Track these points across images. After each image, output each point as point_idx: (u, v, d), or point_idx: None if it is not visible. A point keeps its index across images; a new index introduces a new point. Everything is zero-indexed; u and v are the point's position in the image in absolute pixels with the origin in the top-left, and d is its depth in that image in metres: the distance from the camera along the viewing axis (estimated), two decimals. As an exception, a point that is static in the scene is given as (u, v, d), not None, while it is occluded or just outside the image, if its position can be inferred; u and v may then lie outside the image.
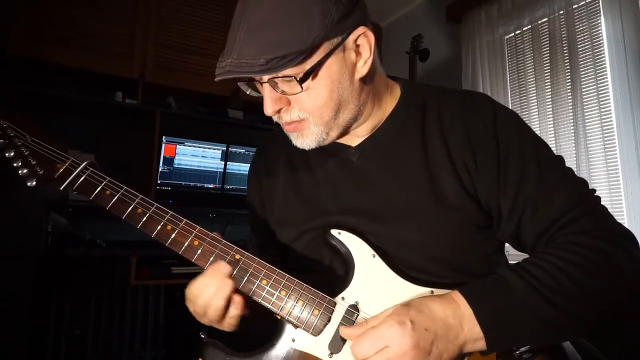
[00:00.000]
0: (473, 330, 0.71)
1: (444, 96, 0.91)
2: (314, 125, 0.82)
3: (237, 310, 0.80)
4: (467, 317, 0.71)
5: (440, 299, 0.74)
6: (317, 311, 0.80)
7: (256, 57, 0.72)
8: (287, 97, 0.80)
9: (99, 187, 0.85)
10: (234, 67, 0.73)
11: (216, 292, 0.78)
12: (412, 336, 0.68)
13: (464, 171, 0.84)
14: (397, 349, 0.68)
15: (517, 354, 0.73)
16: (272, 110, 0.81)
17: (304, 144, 0.85)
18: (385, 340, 0.69)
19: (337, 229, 0.84)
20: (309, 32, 0.73)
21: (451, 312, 0.72)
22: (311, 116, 0.81)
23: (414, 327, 0.69)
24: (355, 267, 0.82)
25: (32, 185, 0.85)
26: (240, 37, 0.73)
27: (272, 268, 0.82)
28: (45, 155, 0.87)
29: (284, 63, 0.72)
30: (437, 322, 0.71)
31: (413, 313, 0.71)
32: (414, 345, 0.68)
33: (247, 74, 0.74)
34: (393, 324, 0.70)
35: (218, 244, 0.84)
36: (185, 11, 2.83)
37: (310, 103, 0.79)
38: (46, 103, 2.53)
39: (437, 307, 0.72)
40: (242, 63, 0.73)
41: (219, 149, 2.91)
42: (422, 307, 0.72)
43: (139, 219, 0.84)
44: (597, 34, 2.35)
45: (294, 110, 0.81)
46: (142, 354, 2.48)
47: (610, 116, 2.28)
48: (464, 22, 3.00)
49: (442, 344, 0.70)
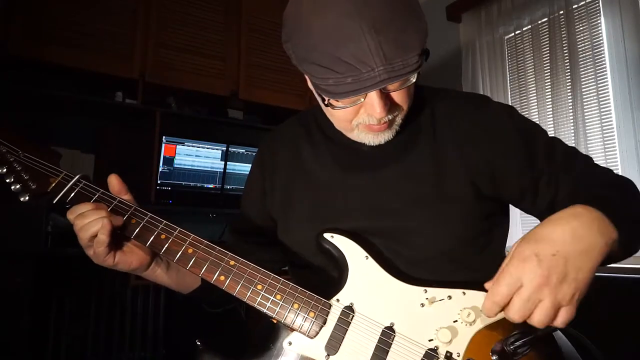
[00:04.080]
0: (608, 229, 0.69)
1: (451, 95, 0.95)
2: (399, 118, 0.84)
3: (104, 235, 0.80)
4: (596, 218, 0.69)
5: (554, 219, 0.71)
6: (312, 314, 0.80)
7: (407, 56, 0.71)
8: (390, 94, 0.78)
9: (92, 200, 0.86)
10: (389, 73, 0.71)
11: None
12: (540, 267, 0.65)
13: (476, 164, 0.87)
14: (531, 285, 0.65)
15: (512, 349, 0.72)
16: (386, 110, 0.78)
17: (382, 139, 0.86)
18: (516, 280, 0.66)
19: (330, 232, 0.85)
20: (422, 22, 0.75)
21: (577, 222, 0.69)
22: (403, 111, 0.83)
23: (539, 257, 0.66)
24: (349, 269, 0.83)
25: (25, 200, 0.85)
26: (375, 42, 0.69)
27: (267, 273, 0.83)
28: (38, 169, 0.87)
29: (423, 56, 0.73)
30: (564, 242, 0.67)
31: (533, 245, 0.68)
32: (546, 275, 0.65)
33: (404, 75, 0.73)
34: (517, 262, 0.67)
35: (212, 250, 0.84)
36: (185, 11, 2.83)
37: (410, 95, 0.82)
38: (46, 103, 2.53)
39: (557, 230, 0.68)
40: (397, 66, 0.71)
41: (219, 149, 2.91)
42: (541, 235, 0.69)
43: (132, 229, 0.85)
44: (597, 34, 2.34)
45: (398, 107, 0.81)
46: (142, 354, 2.48)
47: (610, 116, 2.28)
48: (464, 22, 3.00)
49: (577, 261, 0.66)
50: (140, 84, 2.64)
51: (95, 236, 0.81)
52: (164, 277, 0.95)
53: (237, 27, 3.00)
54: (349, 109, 0.79)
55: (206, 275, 0.83)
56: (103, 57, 2.53)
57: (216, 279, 0.82)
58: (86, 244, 0.82)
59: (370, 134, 0.85)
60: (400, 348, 0.77)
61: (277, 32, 3.09)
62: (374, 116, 0.78)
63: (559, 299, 0.65)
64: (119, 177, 0.89)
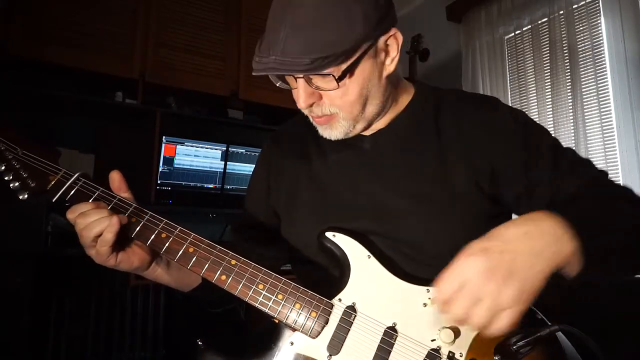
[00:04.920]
0: (563, 239, 0.67)
1: (458, 95, 0.96)
2: (343, 119, 0.86)
3: (110, 234, 0.79)
4: (552, 227, 0.68)
5: (513, 221, 0.70)
6: (314, 313, 0.80)
7: (301, 56, 0.73)
8: (319, 92, 0.82)
9: (91, 198, 0.85)
10: (278, 65, 0.75)
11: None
12: (485, 262, 0.64)
13: (480, 163, 0.87)
14: (475, 281, 0.64)
15: (515, 349, 0.72)
16: (306, 104, 0.83)
17: (331, 135, 0.89)
18: (461, 275, 0.65)
19: (332, 231, 0.85)
20: (352, 34, 0.75)
21: (531, 226, 0.68)
22: (341, 111, 0.85)
23: (487, 253, 0.65)
24: (351, 269, 0.83)
25: (24, 198, 0.84)
26: (286, 34, 0.74)
27: (268, 272, 0.83)
28: (37, 167, 0.86)
29: (327, 63, 0.74)
30: (514, 241, 0.66)
31: (485, 242, 0.67)
32: (491, 270, 0.63)
33: (290, 72, 0.77)
34: (464, 257, 0.66)
35: (213, 249, 0.84)
36: (185, 11, 2.83)
37: (342, 99, 0.82)
38: (46, 103, 2.53)
39: (510, 230, 0.68)
40: (286, 61, 0.74)
41: (219, 149, 2.91)
42: (493, 234, 0.68)
43: (133, 227, 0.84)
44: (597, 34, 2.34)
45: (325, 105, 0.84)
46: (142, 354, 2.48)
47: (610, 116, 2.28)
48: (464, 22, 3.00)
49: (525, 260, 0.65)
50: (140, 84, 2.63)
51: (99, 235, 0.80)
52: (165, 275, 0.94)
53: (237, 27, 3.00)
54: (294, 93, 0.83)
55: (207, 274, 0.82)
56: (103, 57, 2.52)
57: (217, 278, 0.82)
58: (89, 244, 0.81)
59: (318, 126, 0.89)
60: (402, 348, 0.77)
61: (277, 32, 3.11)
62: (298, 104, 0.83)
63: (501, 299, 0.63)
64: (121, 173, 0.88)
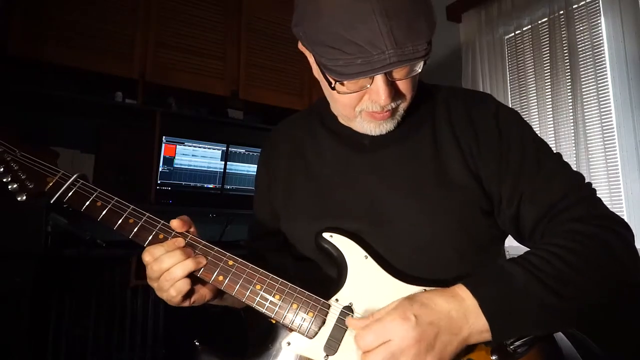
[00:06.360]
0: (477, 321, 0.71)
1: (452, 92, 0.96)
2: (402, 109, 0.85)
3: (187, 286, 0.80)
4: (472, 309, 0.71)
5: (444, 292, 0.74)
6: (311, 314, 0.80)
7: (417, 42, 0.71)
8: (396, 84, 0.79)
9: (89, 199, 0.85)
10: (399, 57, 0.71)
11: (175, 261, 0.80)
12: (415, 330, 0.68)
13: (470, 156, 0.87)
14: (399, 343, 0.68)
15: (512, 349, 0.72)
16: (391, 98, 0.79)
17: (385, 128, 0.86)
18: (388, 334, 0.69)
19: (329, 232, 0.85)
20: (432, 15, 0.75)
21: (455, 305, 0.71)
22: (406, 101, 0.84)
23: (418, 321, 0.69)
24: (348, 269, 0.83)
25: (22, 200, 0.85)
26: (389, 25, 0.69)
27: (265, 273, 0.83)
28: (35, 169, 0.86)
29: (430, 46, 0.74)
30: (440, 316, 0.70)
31: (417, 307, 0.71)
32: (417, 339, 0.68)
33: (413, 61, 0.73)
34: (396, 317, 0.70)
35: (210, 250, 0.84)
36: (185, 11, 2.83)
37: (414, 87, 0.82)
38: (46, 103, 2.53)
39: (441, 301, 0.72)
40: (407, 50, 0.71)
41: (218, 149, 2.91)
42: (427, 301, 0.72)
43: (130, 229, 0.84)
44: (597, 34, 2.34)
45: (398, 96, 0.81)
46: (142, 354, 2.48)
47: (610, 116, 2.28)
48: (464, 22, 3.00)
49: (446, 337, 0.70)
50: (140, 84, 2.63)
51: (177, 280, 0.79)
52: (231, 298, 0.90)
53: (237, 27, 3.00)
54: (354, 95, 0.80)
55: (204, 275, 0.82)
56: (103, 57, 2.52)
57: (215, 278, 0.82)
58: (167, 288, 0.80)
59: (372, 122, 0.85)
60: (399, 348, 0.77)
61: (277, 32, 3.12)
62: (379, 103, 0.78)
63: None
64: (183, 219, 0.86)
